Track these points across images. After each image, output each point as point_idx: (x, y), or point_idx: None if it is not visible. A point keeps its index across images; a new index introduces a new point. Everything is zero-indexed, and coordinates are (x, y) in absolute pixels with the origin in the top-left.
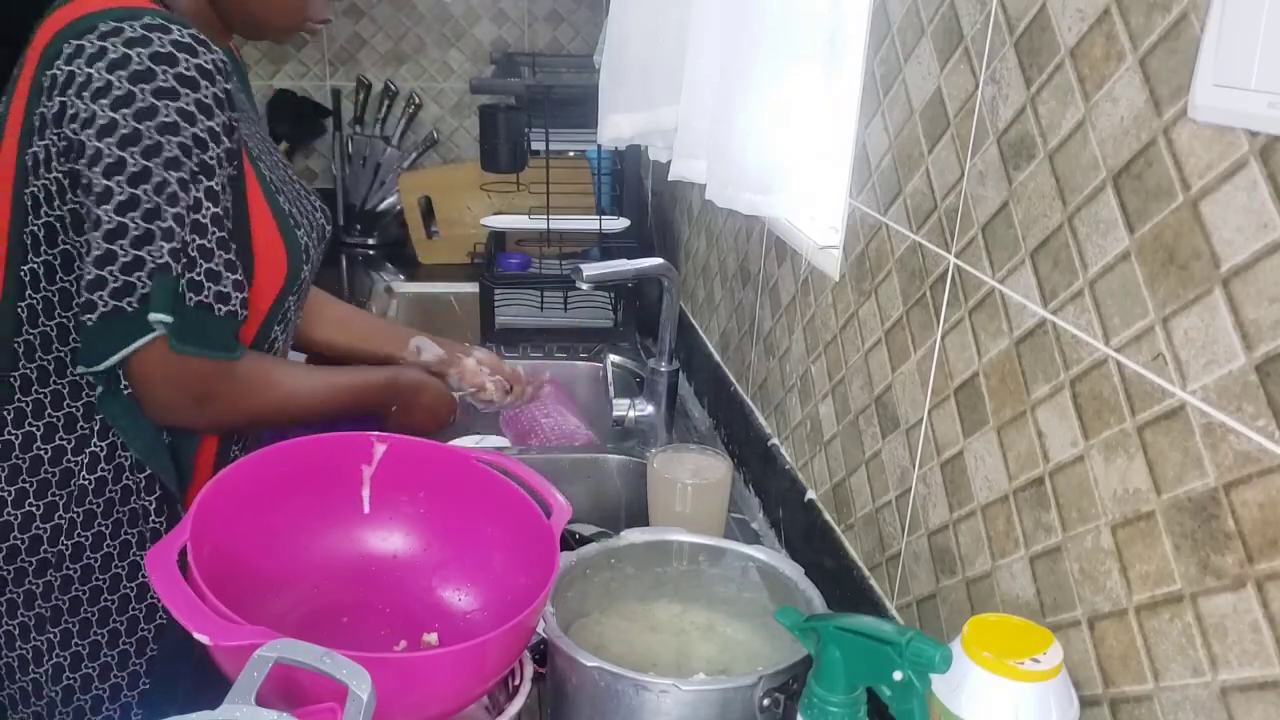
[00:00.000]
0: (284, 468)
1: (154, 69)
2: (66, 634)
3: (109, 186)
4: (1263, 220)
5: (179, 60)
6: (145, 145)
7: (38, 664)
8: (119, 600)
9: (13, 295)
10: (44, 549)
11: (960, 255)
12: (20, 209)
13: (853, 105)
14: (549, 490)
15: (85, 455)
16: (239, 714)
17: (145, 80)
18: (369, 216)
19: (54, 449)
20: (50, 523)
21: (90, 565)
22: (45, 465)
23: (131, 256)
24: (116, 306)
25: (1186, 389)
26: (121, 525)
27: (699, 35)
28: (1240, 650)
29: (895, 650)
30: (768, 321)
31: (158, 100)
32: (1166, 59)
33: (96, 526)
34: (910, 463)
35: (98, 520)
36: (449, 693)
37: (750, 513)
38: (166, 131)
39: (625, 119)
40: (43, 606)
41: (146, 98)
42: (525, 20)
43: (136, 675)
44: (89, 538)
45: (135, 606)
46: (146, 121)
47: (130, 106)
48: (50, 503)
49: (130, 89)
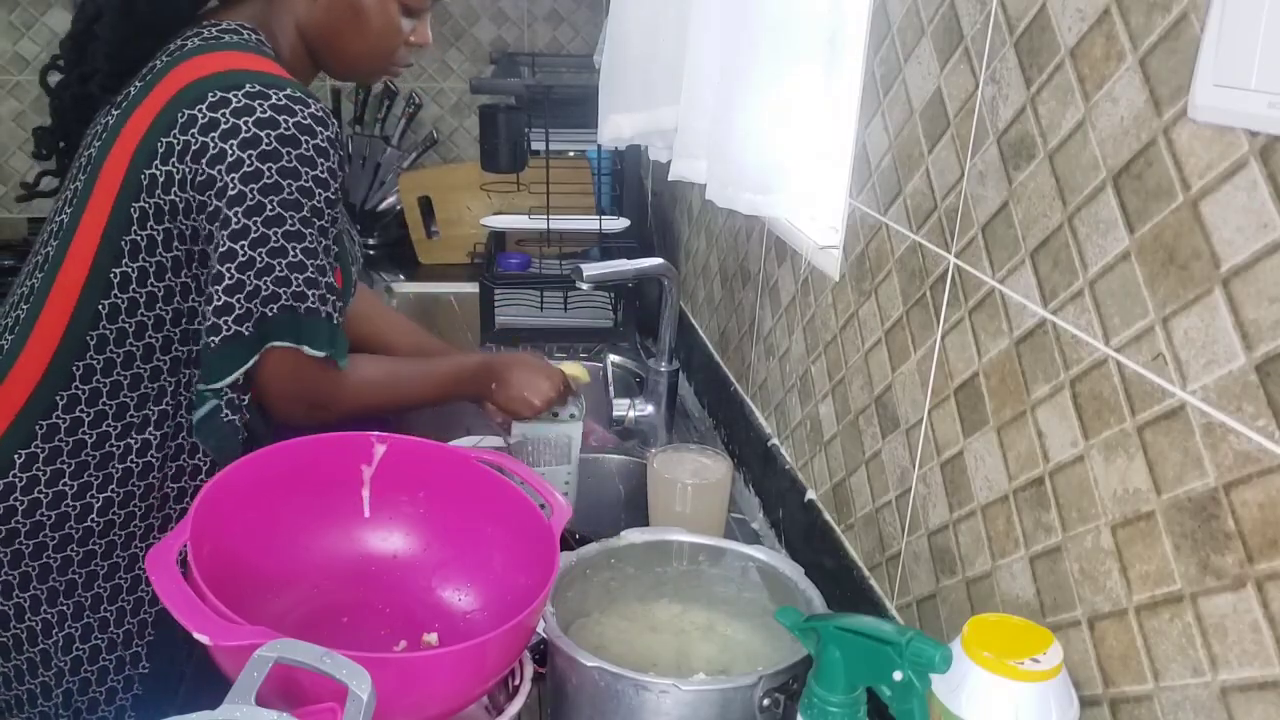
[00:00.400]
0: (284, 468)
1: (298, 137)
2: (79, 606)
3: (246, 225)
4: (1263, 220)
5: (317, 133)
6: (284, 198)
7: (46, 636)
8: (133, 603)
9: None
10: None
11: (960, 255)
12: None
13: (853, 105)
14: (549, 490)
15: (140, 463)
16: (239, 714)
17: (292, 145)
18: (369, 216)
19: (99, 434)
20: (81, 501)
21: (118, 561)
22: (87, 448)
23: (255, 287)
24: (238, 332)
25: (1186, 389)
26: (153, 510)
27: (699, 35)
28: (1240, 650)
29: (895, 650)
30: (768, 321)
31: (300, 165)
32: (1166, 59)
33: (132, 507)
34: (910, 463)
35: (135, 503)
36: (449, 693)
37: (750, 513)
38: (304, 194)
39: (625, 119)
40: (57, 580)
41: (293, 161)
42: (525, 20)
43: (138, 656)
44: (122, 516)
45: (147, 610)
46: (290, 180)
47: (277, 162)
48: (84, 482)
49: (277, 148)
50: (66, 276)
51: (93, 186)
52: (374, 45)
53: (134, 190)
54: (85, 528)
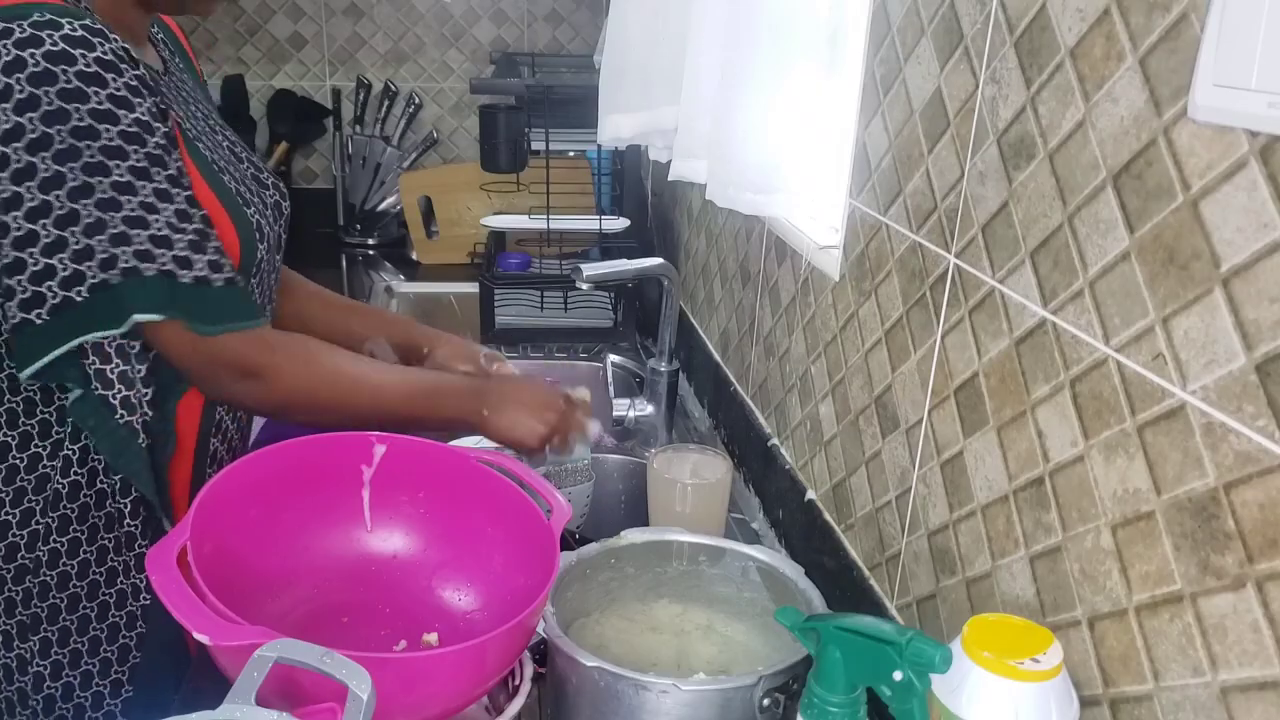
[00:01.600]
0: (284, 468)
1: (52, 70)
2: (46, 642)
3: (18, 193)
4: (1263, 220)
5: (76, 58)
6: (57, 150)
7: (21, 673)
8: (98, 607)
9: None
10: (21, 556)
11: (960, 255)
12: None
13: (853, 105)
14: (549, 490)
15: (59, 460)
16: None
17: (48, 83)
18: (369, 216)
19: (29, 456)
20: (27, 529)
21: (68, 572)
22: (21, 473)
23: (65, 268)
24: (24, 319)
25: (1186, 389)
26: (98, 530)
27: (699, 35)
28: (1240, 650)
29: (895, 650)
30: (768, 321)
31: (66, 103)
32: (1166, 59)
33: (72, 532)
34: (910, 463)
35: (73, 525)
36: (449, 693)
37: (750, 513)
38: (84, 136)
39: (625, 119)
40: (23, 614)
41: (53, 100)
42: (525, 20)
43: (119, 683)
44: (65, 543)
45: (115, 614)
46: (57, 126)
47: (37, 110)
48: (27, 510)
49: (33, 92)
50: None
51: None
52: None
53: None
54: (34, 558)
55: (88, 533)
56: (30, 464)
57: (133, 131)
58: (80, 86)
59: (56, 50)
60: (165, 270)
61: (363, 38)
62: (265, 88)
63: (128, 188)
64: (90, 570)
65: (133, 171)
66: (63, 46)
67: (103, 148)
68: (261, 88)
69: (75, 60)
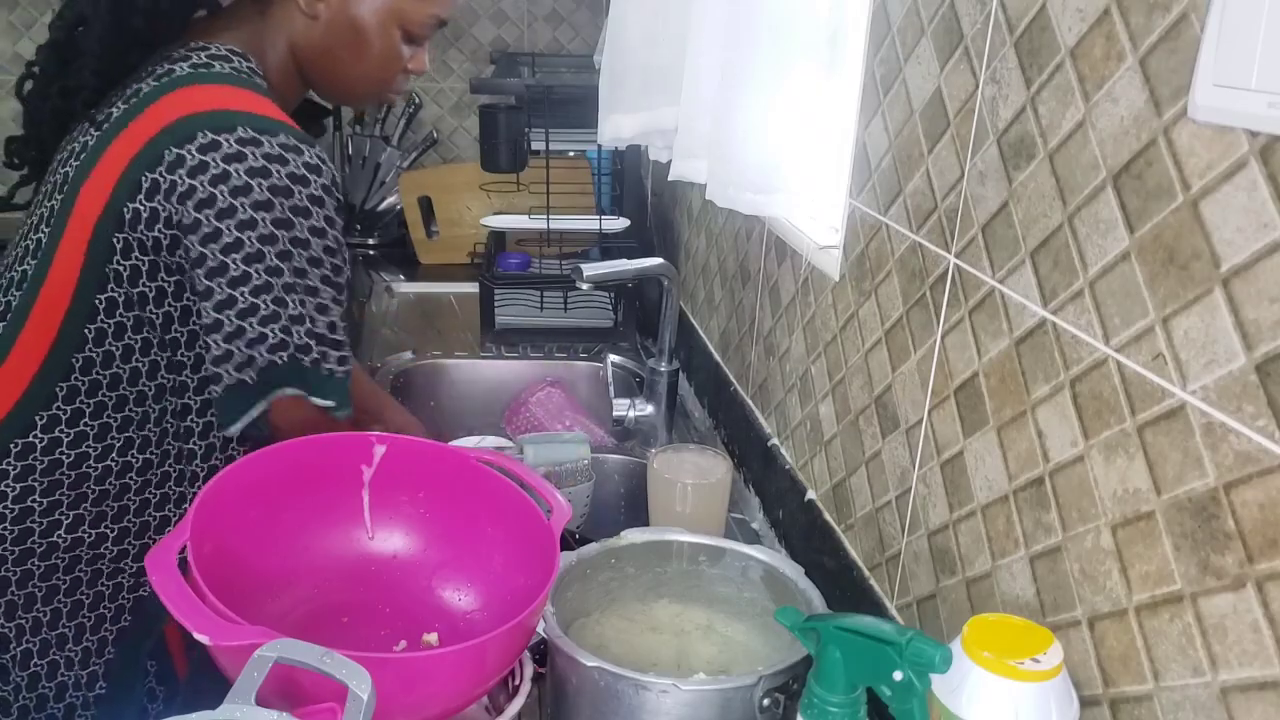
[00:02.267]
0: (284, 468)
1: (291, 188)
2: (36, 622)
3: (247, 272)
4: (1263, 220)
5: (311, 182)
6: (281, 250)
7: (3, 650)
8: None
9: None
10: (32, 540)
11: (960, 255)
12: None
13: (853, 105)
14: (549, 490)
15: (107, 463)
16: (239, 714)
17: (284, 196)
18: (369, 216)
19: (78, 455)
20: (49, 518)
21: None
22: (62, 469)
23: (259, 334)
24: (240, 380)
25: (1186, 389)
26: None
27: (699, 35)
28: (1240, 650)
29: (895, 650)
30: (768, 321)
31: (294, 216)
32: (1166, 59)
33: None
34: (910, 463)
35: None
36: (449, 693)
37: (750, 513)
38: (297, 245)
39: (625, 119)
40: (15, 594)
41: (285, 212)
42: (525, 20)
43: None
44: (92, 535)
45: (107, 628)
46: (284, 231)
47: (270, 212)
48: (54, 501)
49: (271, 198)
50: (49, 297)
51: (71, 208)
52: (372, 70)
53: (116, 220)
54: (50, 543)
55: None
56: (76, 462)
57: (332, 246)
58: (307, 206)
59: (298, 174)
60: (314, 359)
61: None
62: None
63: (314, 291)
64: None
65: (323, 281)
66: (303, 172)
67: (309, 258)
68: None
69: (308, 184)
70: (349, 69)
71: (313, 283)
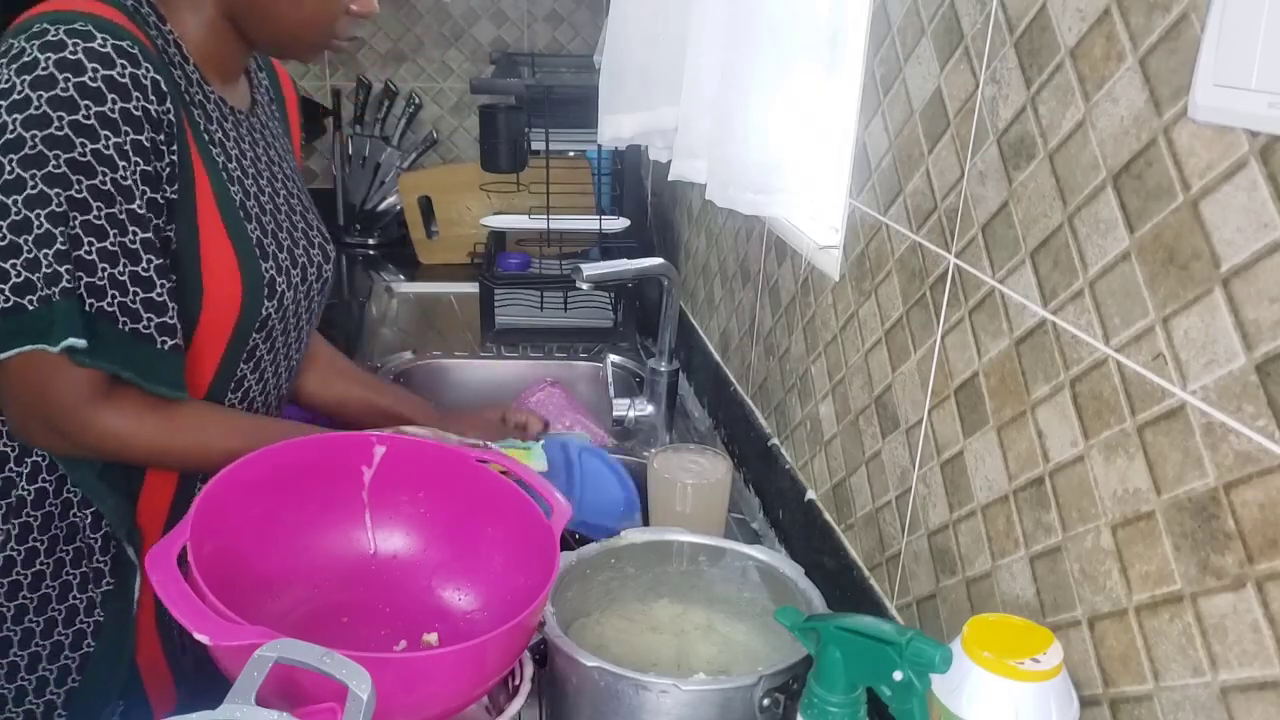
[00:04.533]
0: (284, 468)
1: (55, 75)
2: (5, 642)
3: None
4: (1263, 220)
5: (85, 70)
6: (25, 154)
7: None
8: (45, 623)
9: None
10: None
11: (960, 255)
12: None
13: (853, 105)
14: (549, 490)
15: (26, 465)
16: (239, 714)
17: (45, 88)
18: (369, 216)
19: (3, 480)
20: None
21: (19, 581)
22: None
23: (19, 275)
24: (18, 304)
25: (1186, 389)
26: (64, 564)
27: (699, 35)
28: (1240, 650)
29: (895, 650)
30: (768, 321)
31: (52, 110)
32: (1166, 59)
33: (38, 565)
34: (910, 463)
35: (39, 558)
36: (449, 693)
37: (750, 513)
38: (56, 145)
39: (625, 119)
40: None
41: (41, 105)
42: (525, 20)
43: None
44: (28, 576)
45: (61, 632)
46: (34, 130)
47: (22, 112)
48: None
49: (28, 94)
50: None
51: None
52: (311, 13)
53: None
54: None
55: (53, 566)
56: (4, 488)
57: (107, 155)
58: (74, 98)
59: (72, 59)
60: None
61: (363, 38)
62: None
63: (82, 206)
64: (49, 606)
65: (93, 193)
66: (79, 57)
67: (70, 161)
68: None
69: (84, 72)
70: (285, 13)
71: (77, 195)
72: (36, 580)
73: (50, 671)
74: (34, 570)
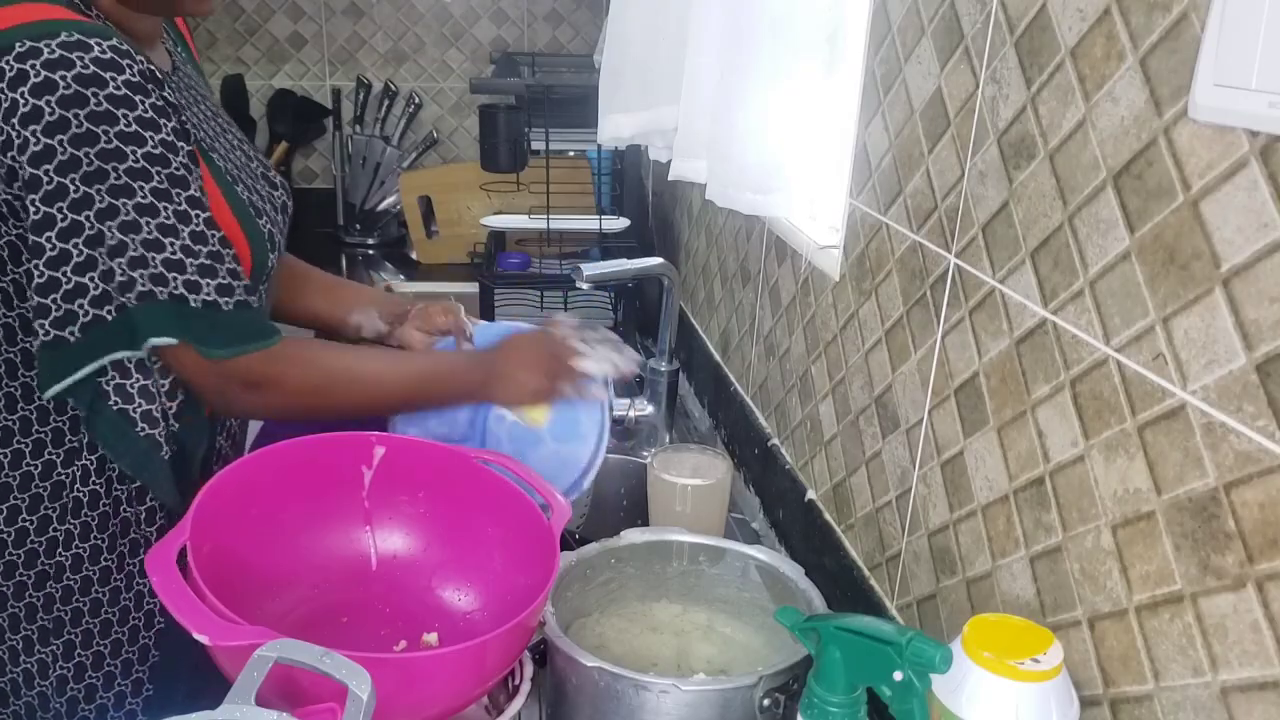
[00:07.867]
0: (284, 468)
1: (83, 93)
2: (70, 645)
3: (50, 215)
4: (1263, 220)
5: (106, 81)
6: (86, 172)
7: (43, 677)
8: (120, 612)
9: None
10: (41, 562)
11: (960, 255)
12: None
13: (853, 105)
14: (549, 490)
15: (76, 469)
16: (239, 714)
17: (78, 106)
18: (369, 216)
19: (44, 464)
20: (45, 536)
21: (89, 577)
22: (35, 480)
23: (96, 288)
24: (59, 336)
25: (1187, 389)
26: (117, 537)
27: (699, 35)
28: (1240, 650)
29: (895, 650)
30: (768, 321)
31: (95, 127)
32: (1167, 59)
33: (93, 539)
34: (910, 463)
35: (93, 533)
36: (449, 693)
37: (750, 513)
38: (111, 159)
39: (625, 119)
40: (45, 619)
41: (83, 124)
42: (525, 20)
43: (140, 682)
44: (86, 549)
45: (135, 615)
46: (86, 148)
47: (66, 132)
48: (44, 517)
49: (63, 115)
50: None
51: None
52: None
53: None
54: (55, 564)
55: (108, 540)
56: (45, 471)
57: (157, 154)
58: (110, 110)
59: (88, 74)
60: (176, 295)
61: (363, 37)
62: (265, 87)
63: (149, 209)
64: (112, 576)
65: (155, 194)
66: (94, 70)
67: (128, 169)
68: (261, 87)
69: (106, 84)
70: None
71: (143, 200)
72: (105, 575)
73: (133, 653)
74: (100, 566)
